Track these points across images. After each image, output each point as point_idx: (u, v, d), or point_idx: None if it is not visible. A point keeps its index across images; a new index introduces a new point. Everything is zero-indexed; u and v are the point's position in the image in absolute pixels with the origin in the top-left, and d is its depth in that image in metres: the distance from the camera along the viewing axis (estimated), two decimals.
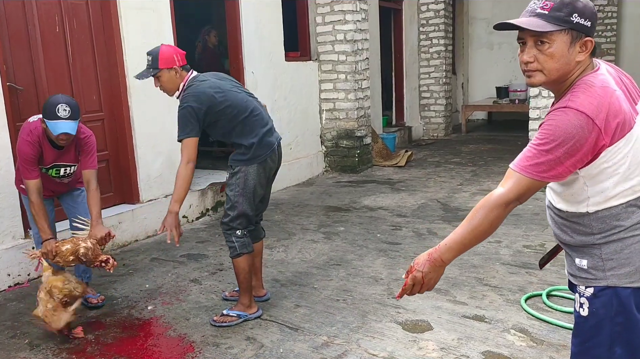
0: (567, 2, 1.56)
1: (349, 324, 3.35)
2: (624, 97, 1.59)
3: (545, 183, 1.60)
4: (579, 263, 1.68)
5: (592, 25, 1.59)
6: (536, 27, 1.56)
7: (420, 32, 10.65)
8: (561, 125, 1.51)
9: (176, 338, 3.31)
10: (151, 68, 3.30)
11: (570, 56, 1.58)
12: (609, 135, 1.51)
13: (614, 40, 11.67)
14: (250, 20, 6.52)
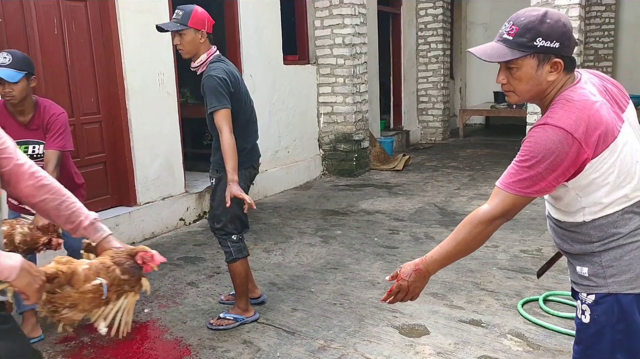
0: (530, 27, 1.57)
1: (346, 328, 3.34)
2: (607, 106, 1.59)
3: (531, 198, 1.63)
4: (580, 271, 1.68)
5: (563, 44, 1.58)
6: (496, 57, 1.61)
7: (418, 36, 10.68)
8: (540, 142, 1.54)
9: (172, 341, 3.30)
10: (179, 23, 3.14)
11: (539, 77, 1.61)
12: (591, 148, 1.53)
13: (612, 46, 11.71)
14: (249, 23, 6.53)
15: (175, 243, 5.14)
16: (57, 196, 1.77)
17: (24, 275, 1.48)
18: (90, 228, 1.81)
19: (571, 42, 1.59)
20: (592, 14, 11.57)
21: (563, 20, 1.58)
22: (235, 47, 6.46)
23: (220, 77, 3.13)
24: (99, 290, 1.66)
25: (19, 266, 1.47)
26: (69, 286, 1.63)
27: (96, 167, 5.01)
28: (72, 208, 1.79)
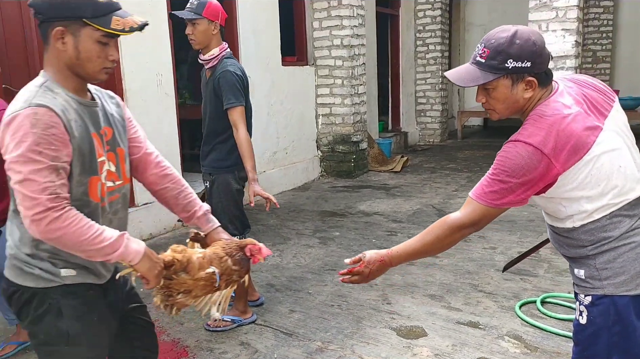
0: (500, 50, 1.60)
1: (344, 329, 3.34)
2: (582, 117, 1.60)
3: (502, 210, 1.67)
4: (577, 273, 1.70)
5: (534, 62, 1.60)
6: (470, 82, 1.66)
7: (416, 37, 10.69)
8: (510, 157, 1.59)
9: (170, 342, 3.29)
10: (193, 12, 3.12)
11: (516, 96, 1.65)
12: (561, 162, 1.56)
13: (610, 48, 11.74)
14: (247, 24, 6.53)
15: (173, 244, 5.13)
16: (177, 186, 1.93)
17: (146, 260, 1.63)
18: (203, 218, 1.95)
19: (543, 59, 1.62)
20: (591, 15, 11.60)
21: (533, 39, 1.61)
22: (234, 48, 6.46)
23: (237, 74, 3.15)
24: (212, 278, 1.77)
25: (142, 252, 1.62)
26: (185, 273, 1.76)
27: None
28: (188, 198, 1.95)
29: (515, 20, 12.85)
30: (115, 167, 1.73)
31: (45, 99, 1.52)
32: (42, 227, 1.47)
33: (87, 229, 1.52)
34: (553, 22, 6.34)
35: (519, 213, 5.58)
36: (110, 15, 1.55)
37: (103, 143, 1.68)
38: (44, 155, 1.46)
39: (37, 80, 1.60)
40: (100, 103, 1.73)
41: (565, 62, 6.34)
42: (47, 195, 1.46)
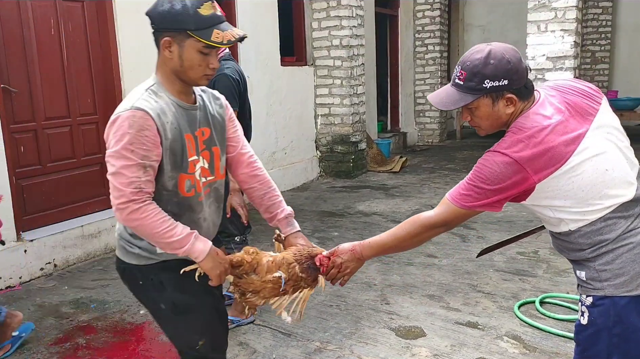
0: (476, 72, 1.64)
1: (342, 330, 3.34)
2: (563, 126, 1.61)
3: (474, 212, 1.71)
4: (579, 275, 1.71)
5: (511, 79, 1.63)
6: (451, 105, 1.70)
7: (415, 38, 10.69)
8: (487, 165, 1.64)
9: (168, 343, 3.25)
10: None
11: (498, 113, 1.69)
12: (537, 173, 1.59)
13: (608, 49, 11.75)
14: (246, 24, 6.52)
15: None
16: (264, 187, 2.06)
17: (209, 260, 1.77)
18: (284, 221, 2.05)
19: (519, 75, 1.64)
20: (589, 16, 11.61)
21: (507, 57, 1.63)
22: (233, 48, 6.45)
23: (233, 78, 3.14)
24: (278, 282, 1.86)
25: (206, 251, 1.76)
26: (254, 274, 1.87)
27: (93, 168, 5.00)
28: (273, 200, 2.07)
29: (515, 20, 12.82)
30: (209, 164, 1.89)
31: (146, 103, 1.70)
32: (124, 216, 1.68)
33: (160, 223, 1.70)
34: (552, 22, 6.35)
35: (517, 213, 5.59)
36: (211, 28, 1.68)
37: (197, 143, 1.83)
38: (135, 154, 1.66)
39: (147, 82, 1.79)
40: (203, 104, 1.88)
41: (564, 62, 6.35)
42: (132, 188, 1.66)
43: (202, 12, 1.66)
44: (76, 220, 4.72)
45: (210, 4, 1.68)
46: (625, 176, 1.64)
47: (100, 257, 4.81)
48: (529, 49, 6.50)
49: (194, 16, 1.65)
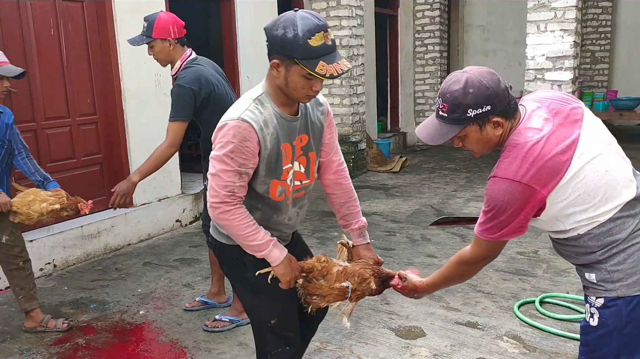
0: (457, 103, 1.64)
1: (342, 330, 3.33)
2: (556, 135, 1.62)
3: (505, 241, 1.74)
4: (589, 277, 1.70)
5: (493, 104, 1.63)
6: (440, 138, 1.70)
7: (415, 38, 10.68)
8: (494, 195, 1.65)
9: (168, 343, 3.28)
10: (144, 36, 3.13)
11: (487, 136, 1.69)
12: (543, 186, 1.59)
13: (608, 49, 11.74)
14: (246, 24, 6.52)
15: (171, 245, 5.13)
16: (345, 196, 2.20)
17: (282, 266, 1.95)
18: (357, 231, 2.20)
19: (500, 98, 1.64)
20: (589, 16, 11.60)
21: (485, 83, 1.63)
22: (232, 48, 6.46)
23: (186, 87, 3.07)
24: (345, 291, 2.01)
25: (281, 259, 1.94)
26: (323, 280, 2.02)
27: (92, 168, 5.00)
28: (351, 210, 2.21)
29: (514, 20, 12.74)
30: (305, 169, 2.04)
31: (252, 115, 1.84)
32: (215, 214, 1.90)
33: (245, 227, 1.89)
34: (551, 22, 6.34)
35: None
36: (318, 59, 1.74)
37: (294, 151, 1.97)
38: (234, 161, 1.83)
39: (256, 91, 1.92)
40: (304, 112, 2.00)
41: (563, 62, 6.35)
42: (226, 191, 1.86)
43: (311, 42, 1.72)
44: (76, 220, 4.72)
45: (322, 35, 1.74)
46: (624, 174, 1.66)
47: (100, 257, 4.80)
48: (528, 49, 6.50)
49: (303, 46, 1.72)
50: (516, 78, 11.67)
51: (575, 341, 3.11)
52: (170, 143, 3.13)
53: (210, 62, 3.36)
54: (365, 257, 2.17)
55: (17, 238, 3.37)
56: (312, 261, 2.05)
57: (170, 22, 3.15)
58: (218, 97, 3.18)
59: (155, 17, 3.13)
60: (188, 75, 3.11)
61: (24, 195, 3.23)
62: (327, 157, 2.15)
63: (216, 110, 3.17)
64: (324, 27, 1.75)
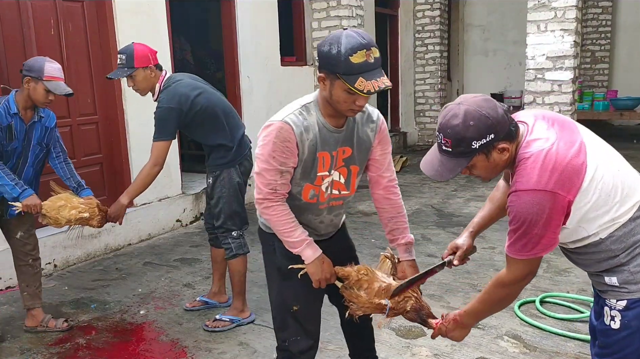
0: (460, 137, 1.62)
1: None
2: (564, 141, 1.62)
3: (541, 257, 1.67)
4: (609, 281, 1.69)
5: (496, 131, 1.61)
6: (448, 174, 1.69)
7: (415, 38, 10.68)
8: (521, 209, 1.60)
9: (168, 343, 3.29)
10: (126, 67, 3.18)
11: (495, 162, 1.67)
12: (567, 190, 1.57)
13: (608, 49, 11.74)
14: (246, 24, 6.52)
15: (171, 245, 5.13)
16: (393, 212, 2.29)
17: (313, 266, 2.07)
18: (403, 247, 2.27)
19: (502, 124, 1.62)
20: (589, 16, 11.60)
21: (484, 113, 1.60)
22: (233, 48, 6.46)
23: (165, 107, 3.15)
24: (383, 308, 2.06)
25: (313, 258, 2.06)
26: (363, 291, 2.06)
27: (93, 168, 5.00)
28: (399, 225, 2.30)
29: (515, 20, 12.73)
30: (345, 180, 2.13)
31: (295, 119, 1.96)
32: (260, 209, 2.07)
33: (284, 223, 2.04)
34: (552, 22, 6.34)
35: None
36: (357, 75, 1.81)
37: (333, 160, 2.06)
38: (275, 160, 1.96)
39: (307, 98, 2.04)
40: (352, 127, 2.07)
41: (564, 62, 6.34)
42: (269, 189, 2.00)
43: (352, 59, 1.81)
44: None
45: (364, 52, 1.82)
46: (631, 171, 1.67)
47: (100, 257, 4.81)
48: (528, 49, 6.50)
49: (345, 62, 1.81)
50: (516, 78, 11.69)
51: (576, 340, 3.11)
52: (154, 162, 3.20)
53: (186, 75, 3.41)
54: (409, 274, 2.20)
55: (31, 236, 3.42)
56: (349, 270, 2.10)
57: (148, 50, 3.24)
58: (203, 106, 3.24)
59: (132, 48, 3.19)
60: (167, 96, 3.17)
61: (55, 199, 3.21)
62: (377, 173, 2.21)
63: (205, 118, 3.25)
64: (367, 45, 1.83)
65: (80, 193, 3.37)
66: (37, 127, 3.23)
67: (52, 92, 3.08)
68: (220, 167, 3.33)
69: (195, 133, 3.37)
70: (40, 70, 3.04)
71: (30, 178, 3.29)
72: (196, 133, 3.37)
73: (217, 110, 3.31)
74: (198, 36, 8.75)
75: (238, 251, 3.39)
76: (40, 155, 3.30)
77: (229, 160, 3.33)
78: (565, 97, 6.37)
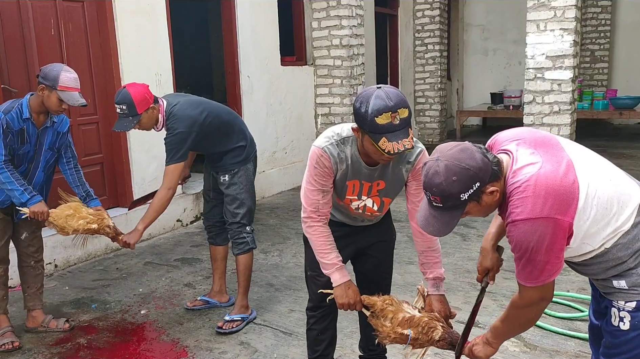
0: (447, 194, 1.63)
1: (343, 329, 3.33)
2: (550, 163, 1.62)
3: (552, 280, 1.68)
4: (618, 285, 1.70)
5: (481, 180, 1.62)
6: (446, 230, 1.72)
7: (415, 37, 10.69)
8: (521, 239, 1.61)
9: (169, 342, 3.29)
10: (130, 117, 3.12)
11: (487, 204, 1.69)
12: (565, 214, 1.58)
13: (608, 48, 11.75)
14: (246, 24, 6.53)
15: (172, 244, 5.14)
16: (425, 245, 2.35)
17: (339, 289, 2.26)
18: (431, 282, 2.34)
19: (484, 171, 1.63)
20: (589, 15, 11.61)
21: (464, 164, 1.62)
22: (233, 48, 6.46)
23: (178, 132, 3.16)
24: (405, 338, 2.13)
25: (340, 283, 2.26)
26: (388, 321, 2.16)
27: (93, 168, 5.00)
28: (429, 260, 2.36)
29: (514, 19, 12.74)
30: (378, 207, 2.35)
31: (332, 150, 2.18)
32: (304, 226, 2.31)
33: (320, 244, 2.27)
34: (551, 21, 6.34)
35: None
36: (381, 135, 1.95)
37: (364, 188, 2.26)
38: (317, 182, 2.21)
39: (347, 131, 2.19)
40: (386, 165, 2.21)
41: (563, 61, 6.35)
42: (312, 208, 2.24)
43: (378, 120, 1.93)
44: None
45: (389, 115, 1.94)
46: (622, 177, 1.68)
47: (100, 257, 4.81)
48: (528, 48, 6.50)
49: (370, 122, 1.95)
50: (516, 77, 11.70)
51: (576, 339, 3.12)
52: (167, 186, 3.23)
53: (176, 94, 3.44)
54: (436, 309, 2.27)
55: (35, 238, 3.44)
56: (375, 299, 2.22)
57: (143, 91, 3.14)
58: (212, 115, 3.28)
59: (130, 96, 3.09)
60: (176, 122, 3.17)
61: (64, 208, 3.19)
62: (412, 206, 2.33)
63: (216, 129, 3.30)
64: (393, 108, 1.93)
65: (89, 203, 3.35)
66: (49, 132, 3.22)
67: (65, 102, 3.08)
68: (237, 164, 3.40)
69: (209, 146, 3.39)
70: (55, 80, 3.02)
71: (41, 183, 3.29)
72: (209, 146, 3.39)
73: (224, 117, 3.36)
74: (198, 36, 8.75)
75: (253, 245, 3.47)
76: (51, 160, 3.30)
77: (244, 157, 3.42)
78: (565, 96, 6.38)
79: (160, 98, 3.30)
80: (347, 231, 2.45)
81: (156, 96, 3.26)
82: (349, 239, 2.46)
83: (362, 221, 2.44)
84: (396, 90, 2.02)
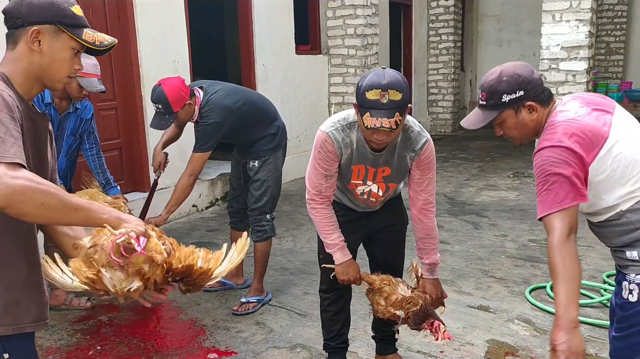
0: (493, 91, 1.84)
1: (356, 311, 3.40)
2: (595, 114, 1.75)
3: (574, 208, 1.67)
4: (630, 255, 1.76)
5: (526, 90, 1.79)
6: (478, 123, 1.89)
7: (429, 28, 10.68)
8: (543, 162, 1.72)
9: (187, 321, 3.39)
10: (166, 115, 3.11)
11: (523, 121, 1.85)
12: (587, 152, 1.68)
13: (623, 39, 11.65)
14: (262, 13, 6.57)
15: (188, 229, 5.24)
16: (424, 232, 2.42)
17: (341, 267, 2.41)
18: (426, 266, 2.46)
19: (533, 84, 1.80)
20: (605, 7, 11.51)
21: (517, 72, 1.82)
22: (248, 37, 6.52)
23: (213, 122, 3.17)
24: (397, 318, 2.39)
25: (341, 261, 2.40)
26: (383, 299, 2.41)
27: (112, 153, 5.10)
28: (426, 246, 2.44)
29: (529, 10, 12.62)
30: (383, 192, 2.40)
31: (337, 135, 2.23)
32: (307, 208, 2.39)
33: (323, 225, 2.37)
34: (567, 12, 6.34)
35: (530, 201, 5.62)
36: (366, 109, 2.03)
37: (368, 173, 2.31)
38: (320, 166, 2.28)
39: (355, 116, 2.19)
40: (391, 151, 2.26)
41: (578, 52, 6.35)
42: (315, 191, 2.33)
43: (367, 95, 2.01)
44: None
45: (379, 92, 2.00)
46: None
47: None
48: (543, 39, 6.50)
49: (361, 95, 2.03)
50: None
51: (585, 324, 3.17)
52: (191, 172, 3.25)
53: (218, 82, 3.40)
54: (428, 290, 2.43)
55: None
56: (374, 277, 2.44)
57: (179, 88, 3.12)
58: (247, 104, 3.31)
59: (164, 94, 3.07)
60: (212, 111, 3.18)
61: (81, 194, 3.21)
62: (414, 193, 2.38)
63: (252, 117, 3.33)
64: (384, 86, 1.99)
65: (108, 191, 3.42)
66: (71, 118, 3.28)
67: (84, 88, 3.14)
68: (268, 151, 3.43)
69: (240, 138, 3.41)
70: None
71: (64, 168, 3.35)
72: (241, 137, 3.40)
73: (259, 104, 3.40)
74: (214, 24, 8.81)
75: (272, 233, 3.53)
76: (73, 145, 3.36)
77: (276, 144, 3.46)
78: (580, 87, 6.38)
79: (196, 89, 3.27)
80: (357, 215, 2.53)
81: (192, 88, 3.24)
82: (359, 223, 2.54)
83: (367, 208, 2.51)
84: (398, 75, 2.06)
